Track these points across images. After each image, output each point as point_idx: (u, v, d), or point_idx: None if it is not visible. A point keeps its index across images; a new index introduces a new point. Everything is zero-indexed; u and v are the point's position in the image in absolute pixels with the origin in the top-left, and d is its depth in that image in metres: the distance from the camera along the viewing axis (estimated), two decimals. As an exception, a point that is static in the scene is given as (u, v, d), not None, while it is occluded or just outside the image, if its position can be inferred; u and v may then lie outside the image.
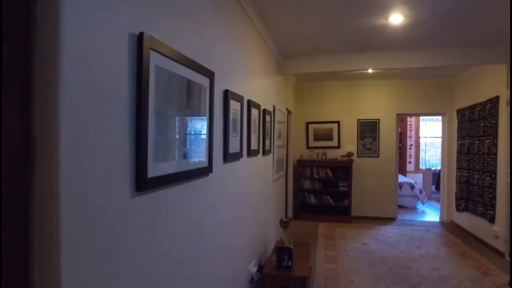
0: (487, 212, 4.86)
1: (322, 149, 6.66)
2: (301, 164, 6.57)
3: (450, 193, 6.27)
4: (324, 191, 6.52)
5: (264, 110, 3.68)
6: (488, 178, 4.88)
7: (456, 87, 6.20)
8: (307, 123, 6.82)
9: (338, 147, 6.68)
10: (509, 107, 4.42)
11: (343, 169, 6.42)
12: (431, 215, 7.13)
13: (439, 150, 10.32)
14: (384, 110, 6.51)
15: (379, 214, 6.50)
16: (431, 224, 6.23)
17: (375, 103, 6.54)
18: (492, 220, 4.75)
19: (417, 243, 4.98)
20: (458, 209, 5.90)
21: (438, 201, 8.64)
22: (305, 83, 6.80)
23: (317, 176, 6.52)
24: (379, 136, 6.50)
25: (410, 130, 9.94)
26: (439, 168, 9.28)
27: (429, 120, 10.17)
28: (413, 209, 7.67)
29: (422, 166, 10.11)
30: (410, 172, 9.97)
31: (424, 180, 9.43)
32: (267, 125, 3.89)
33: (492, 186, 4.75)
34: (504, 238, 4.43)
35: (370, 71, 5.59)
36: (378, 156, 6.52)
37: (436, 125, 10.17)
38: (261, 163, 3.65)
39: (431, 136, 10.18)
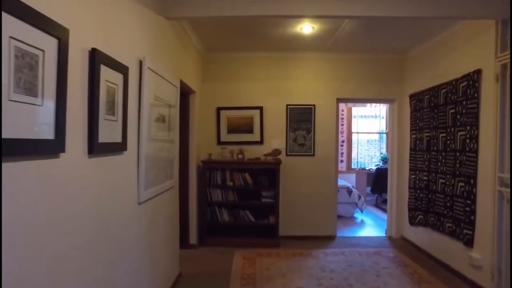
0: (461, 232, 3.49)
1: (239, 145, 4.81)
2: (209, 167, 4.62)
3: (400, 202, 4.93)
4: (241, 204, 4.67)
5: (99, 55, 1.62)
6: (462, 184, 3.51)
7: (407, 67, 4.87)
8: (219, 109, 4.90)
9: (261, 142, 4.89)
10: (499, 83, 3.04)
11: (268, 172, 4.65)
12: (373, 226, 5.79)
13: (373, 148, 9.34)
14: (322, 94, 4.90)
15: (315, 232, 4.89)
16: (378, 242, 4.80)
17: (311, 84, 4.90)
18: (469, 243, 3.38)
19: (373, 281, 3.40)
20: (412, 222, 4.56)
21: (374, 205, 7.50)
22: (216, 53, 4.86)
23: (231, 184, 4.63)
24: (314, 128, 4.88)
25: (342, 125, 8.71)
26: (374, 168, 8.19)
27: (362, 117, 9.07)
28: (351, 218, 6.30)
29: (354, 166, 8.97)
30: (342, 172, 8.73)
31: (358, 181, 8.27)
32: (115, 92, 1.85)
33: (470, 196, 3.38)
34: (493, 270, 3.06)
35: (307, 28, 3.89)
36: (313, 155, 4.90)
37: (369, 122, 9.13)
38: (90, 172, 1.60)
39: (364, 132, 9.10)
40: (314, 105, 4.86)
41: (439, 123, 3.92)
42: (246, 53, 4.85)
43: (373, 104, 7.41)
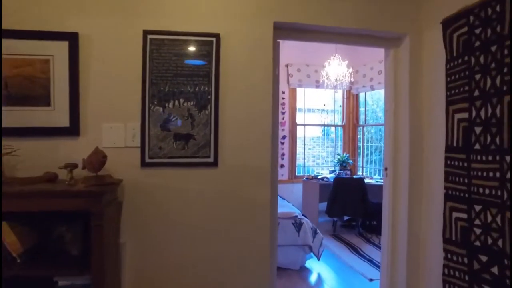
0: None
1: (6, 137, 1.67)
2: None
3: (416, 264, 2.18)
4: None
5: None
6: None
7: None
8: None
9: (73, 131, 1.78)
10: None
11: (69, 219, 1.58)
12: (343, 296, 3.03)
13: (318, 147, 6.73)
14: (237, 10, 1.95)
15: None
16: None
17: (207, -18, 1.94)
18: None
19: None
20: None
21: (332, 235, 4.80)
22: None
23: None
24: (218, 94, 1.91)
25: (283, 112, 5.93)
26: (328, 176, 5.55)
27: (309, 110, 6.36)
28: (300, 273, 3.49)
29: (299, 172, 6.26)
30: (283, 182, 5.98)
31: (306, 196, 5.58)
32: None
33: None
34: None
35: None
36: (214, 163, 1.92)
37: (317, 117, 6.47)
38: None
39: (315, 124, 6.42)
40: (216, 36, 1.89)
41: None
42: None
43: (331, 78, 4.72)
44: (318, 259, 3.62)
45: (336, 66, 4.66)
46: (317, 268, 3.63)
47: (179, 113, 1.85)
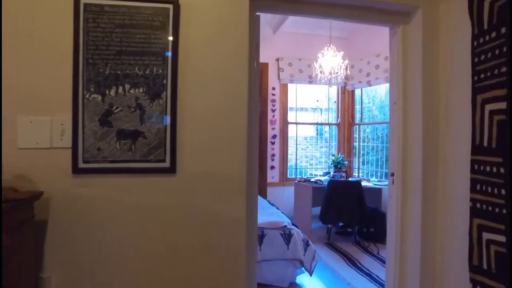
0: None
1: None
2: None
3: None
4: None
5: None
6: None
7: None
8: None
9: None
10: None
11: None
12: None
13: (311, 147, 6.30)
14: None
15: None
16: None
17: None
18: None
19: None
20: None
21: (326, 243, 4.36)
22: None
23: None
24: (174, 80, 1.45)
25: (273, 110, 5.48)
26: (322, 178, 5.12)
27: (301, 109, 5.93)
28: (290, 291, 3.06)
29: (291, 174, 5.82)
30: (273, 184, 5.55)
31: (298, 199, 5.14)
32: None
33: None
34: None
35: None
36: (172, 170, 1.46)
37: (309, 116, 6.04)
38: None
39: (305, 123, 5.98)
40: (174, 2, 1.44)
41: None
42: None
43: (325, 71, 4.29)
44: (311, 275, 3.17)
45: (331, 58, 4.23)
46: (309, 284, 3.19)
47: (124, 103, 1.39)
